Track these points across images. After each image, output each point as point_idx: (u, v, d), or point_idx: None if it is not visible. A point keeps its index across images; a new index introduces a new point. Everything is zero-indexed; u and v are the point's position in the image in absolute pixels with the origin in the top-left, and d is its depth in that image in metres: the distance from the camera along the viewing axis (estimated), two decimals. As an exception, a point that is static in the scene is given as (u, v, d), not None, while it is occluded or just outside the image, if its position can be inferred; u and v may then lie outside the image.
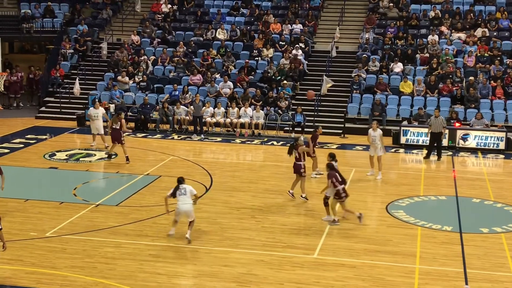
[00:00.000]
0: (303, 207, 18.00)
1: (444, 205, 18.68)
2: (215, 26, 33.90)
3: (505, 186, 20.83)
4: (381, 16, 34.22)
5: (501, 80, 28.98)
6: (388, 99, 28.98)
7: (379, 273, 13.62)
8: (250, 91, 29.44)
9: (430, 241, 15.51)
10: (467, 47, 31.06)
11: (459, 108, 27.81)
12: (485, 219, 17.42)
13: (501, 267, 14.01)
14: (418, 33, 32.73)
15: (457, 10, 33.63)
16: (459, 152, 25.31)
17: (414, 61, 30.99)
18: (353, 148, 25.90)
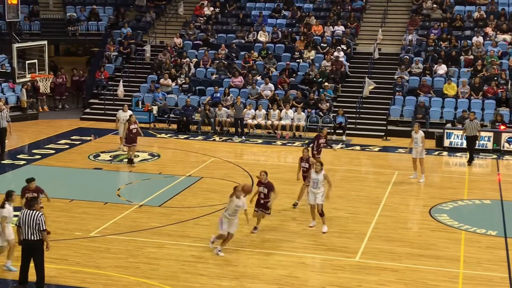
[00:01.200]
0: (344, 210, 17.91)
1: (489, 209, 18.39)
2: (257, 29, 33.98)
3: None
4: (424, 18, 33.86)
5: (548, 82, 28.43)
6: (432, 101, 28.66)
7: (422, 277, 13.49)
8: (291, 93, 29.43)
9: (474, 246, 15.30)
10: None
11: (504, 111, 27.35)
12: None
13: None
14: (462, 34, 32.29)
15: (502, 11, 33.08)
16: (504, 155, 24.89)
17: (458, 63, 30.59)
18: (395, 151, 25.67)
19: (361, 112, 28.90)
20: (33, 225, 12.26)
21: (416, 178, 21.04)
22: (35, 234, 12.29)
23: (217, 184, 20.10)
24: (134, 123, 22.05)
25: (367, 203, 18.59)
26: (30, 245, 12.39)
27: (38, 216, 12.32)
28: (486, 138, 25.46)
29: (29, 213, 12.37)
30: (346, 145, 26.37)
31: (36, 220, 12.28)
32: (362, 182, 20.91)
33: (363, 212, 17.72)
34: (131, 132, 21.93)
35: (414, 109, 28.24)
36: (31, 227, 12.27)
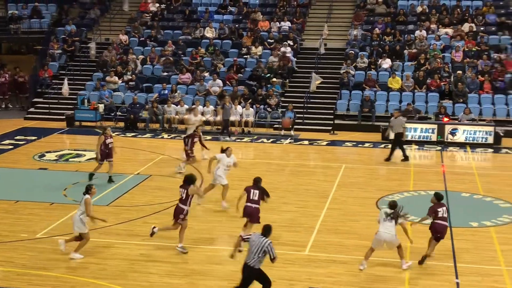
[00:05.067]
0: (293, 204, 18.03)
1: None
2: (204, 25, 33.89)
3: (493, 180, 20.97)
4: (368, 13, 34.32)
5: (489, 75, 29.14)
6: (377, 95, 29.09)
7: (370, 268, 13.68)
8: (239, 89, 29.46)
9: (420, 236, 15.52)
10: (454, 42, 31.20)
11: (447, 103, 27.95)
12: (475, 213, 17.52)
13: (491, 261, 14.12)
14: (405, 29, 32.86)
15: (444, 5, 33.77)
16: (447, 147, 25.45)
17: (402, 57, 31.12)
18: (342, 144, 25.98)
19: (309, 107, 29.13)
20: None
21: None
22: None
23: (166, 182, 19.98)
24: (111, 136, 19.98)
25: (316, 197, 18.75)
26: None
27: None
28: (430, 130, 25.99)
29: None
30: (294, 140, 26.54)
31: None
32: (310, 176, 21.09)
33: (312, 206, 17.87)
34: (107, 146, 19.73)
35: (360, 103, 28.61)
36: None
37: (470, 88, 28.74)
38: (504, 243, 15.10)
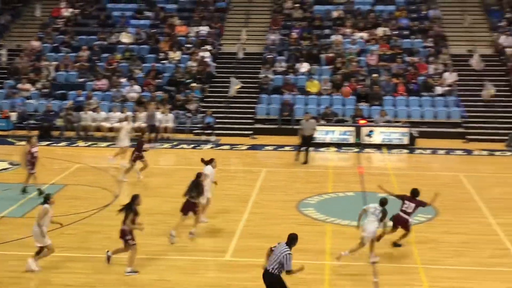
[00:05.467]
0: (214, 209, 17.88)
1: (352, 201, 19.02)
2: (120, 30, 33.35)
3: (409, 180, 21.35)
4: (286, 17, 34.62)
5: (403, 77, 29.89)
6: (296, 99, 29.35)
7: (291, 272, 13.69)
8: (157, 94, 29.11)
9: (339, 237, 15.77)
10: (369, 46, 31.87)
11: (363, 106, 28.49)
12: (391, 213, 17.75)
13: (408, 259, 14.41)
14: (322, 33, 33.32)
15: (359, 10, 34.47)
16: (365, 148, 25.91)
17: (320, 61, 31.52)
18: (263, 148, 26.07)
19: (229, 112, 29.09)
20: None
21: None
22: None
23: (82, 191, 19.47)
24: (35, 146, 19.20)
25: (237, 201, 18.70)
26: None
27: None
28: (348, 132, 26.42)
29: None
30: (215, 145, 26.43)
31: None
32: (231, 181, 21.00)
33: (233, 211, 17.80)
34: (33, 156, 18.97)
35: (279, 107, 28.79)
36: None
37: (385, 90, 29.41)
38: (420, 241, 15.45)
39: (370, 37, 32.45)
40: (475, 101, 28.97)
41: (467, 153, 25.36)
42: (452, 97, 28.98)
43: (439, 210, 17.62)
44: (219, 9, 35.48)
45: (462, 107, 28.47)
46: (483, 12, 34.80)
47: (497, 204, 18.48)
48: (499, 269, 13.89)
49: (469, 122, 27.85)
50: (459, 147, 26.09)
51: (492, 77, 29.68)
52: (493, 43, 32.48)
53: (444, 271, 13.74)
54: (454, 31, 33.53)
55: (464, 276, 13.53)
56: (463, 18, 33.67)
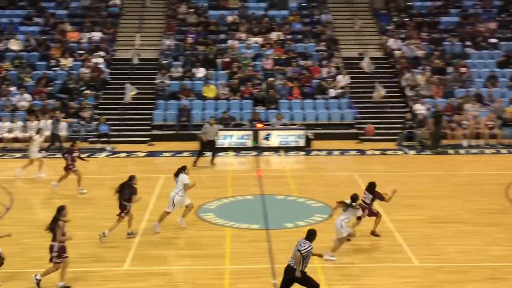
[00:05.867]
0: (112, 218, 17.49)
1: (251, 204, 19.17)
2: (8, 37, 32.14)
3: (306, 181, 21.86)
4: (180, 22, 34.47)
5: (298, 81, 30.43)
6: (193, 104, 29.28)
7: (190, 277, 13.66)
8: (49, 102, 28.24)
9: (239, 241, 15.84)
10: (264, 51, 32.25)
11: (260, 110, 28.78)
12: (289, 214, 18.11)
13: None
14: (217, 38, 33.40)
15: (253, 15, 34.82)
16: (262, 151, 26.18)
17: (216, 65, 31.58)
18: (160, 155, 25.83)
19: (125, 119, 28.63)
20: None
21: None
22: None
23: (-29, 205, 18.60)
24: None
25: (135, 210, 18.28)
26: None
27: None
28: (246, 136, 26.61)
29: None
30: (111, 153, 25.94)
31: None
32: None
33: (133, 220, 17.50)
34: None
35: (177, 112, 28.63)
36: None
37: (281, 94, 29.83)
38: (317, 241, 15.66)
39: (265, 42, 32.84)
40: (366, 102, 29.89)
41: (361, 153, 26.12)
42: (345, 99, 29.77)
43: (334, 210, 18.01)
44: (111, 14, 34.89)
45: (355, 109, 29.30)
46: (372, 16, 35.98)
47: (391, 201, 19.06)
48: (393, 264, 14.36)
49: (361, 123, 28.70)
50: (353, 148, 26.83)
51: (382, 79, 30.72)
52: (382, 46, 33.62)
53: (341, 269, 14.06)
54: (345, 35, 34.49)
55: (359, 273, 13.90)
56: (354, 22, 34.70)
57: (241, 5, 35.56)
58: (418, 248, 15.20)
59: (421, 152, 26.02)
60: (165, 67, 30.89)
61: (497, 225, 16.60)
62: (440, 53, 31.77)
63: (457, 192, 20.18)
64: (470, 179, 22.00)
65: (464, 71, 30.65)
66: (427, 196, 19.73)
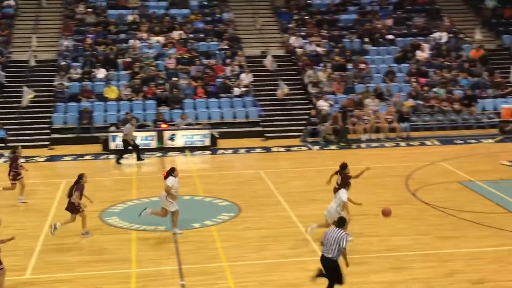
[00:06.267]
0: (12, 226, 16.83)
1: (157, 206, 18.81)
2: None
3: (212, 180, 21.79)
4: (78, 22, 33.61)
5: (202, 80, 30.30)
6: (94, 105, 28.62)
7: (95, 283, 13.32)
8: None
9: (145, 244, 15.58)
10: (166, 50, 31.93)
11: (164, 110, 28.47)
12: (196, 214, 17.98)
13: (213, 259, 14.56)
14: (118, 38, 32.80)
15: (154, 14, 34.42)
16: (168, 152, 25.91)
17: (117, 66, 30.99)
18: (61, 159, 25.10)
19: (23, 123, 27.63)
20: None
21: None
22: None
23: None
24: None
25: (36, 216, 17.85)
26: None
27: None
28: (150, 137, 26.26)
29: None
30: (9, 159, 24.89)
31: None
32: (31, 196, 19.89)
33: (32, 226, 16.95)
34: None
35: (78, 115, 27.90)
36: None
37: (185, 93, 29.62)
38: (224, 240, 15.72)
39: (167, 41, 32.52)
40: (270, 100, 30.14)
41: (266, 150, 26.31)
42: (249, 97, 29.91)
43: (242, 208, 18.07)
44: (6, 16, 33.60)
45: (259, 107, 29.49)
46: (273, 14, 36.34)
47: (295, 197, 19.32)
48: (299, 259, 14.51)
49: (266, 120, 28.91)
50: (259, 145, 26.99)
51: (285, 76, 31.08)
52: (284, 44, 34.01)
53: (248, 266, 14.09)
54: (248, 33, 34.69)
55: (266, 269, 13.95)
56: (255, 20, 34.93)
57: (141, 4, 35.09)
58: (324, 242, 15.40)
59: (324, 148, 26.49)
60: (63, 69, 30.05)
61: (398, 216, 17.07)
62: (340, 50, 32.47)
63: (359, 185, 20.52)
64: (372, 172, 22.45)
65: (363, 67, 31.46)
66: (331, 190, 19.99)
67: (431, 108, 29.34)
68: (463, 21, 36.62)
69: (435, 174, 21.61)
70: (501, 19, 36.41)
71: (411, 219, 17.03)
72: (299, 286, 13.06)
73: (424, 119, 28.80)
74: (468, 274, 13.39)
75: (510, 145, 26.60)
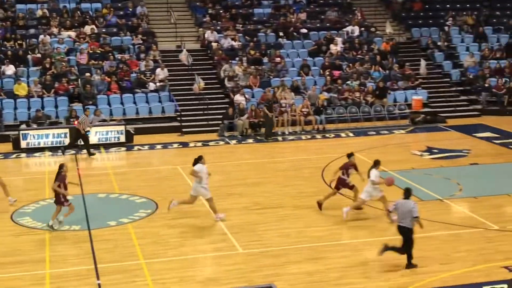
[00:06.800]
0: None
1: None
2: None
3: (128, 177, 21.46)
4: (-15, 18, 32.38)
5: (115, 75, 29.76)
6: (3, 103, 27.64)
7: (7, 285, 12.90)
8: None
9: (60, 244, 15.21)
10: (78, 45, 31.19)
11: (77, 106, 27.80)
12: (112, 212, 17.66)
13: (131, 256, 14.35)
14: (27, 33, 31.77)
15: (64, 8, 33.56)
16: (82, 150, 25.30)
17: (26, 62, 30.03)
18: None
19: None
20: None
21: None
22: None
23: None
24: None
25: None
26: None
27: None
28: (63, 134, 25.56)
29: None
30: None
31: None
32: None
33: None
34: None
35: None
36: None
37: (98, 89, 29.02)
38: (141, 237, 15.51)
39: (79, 36, 31.76)
40: (187, 95, 29.93)
41: (183, 145, 26.11)
42: (165, 92, 29.60)
43: (159, 204, 17.86)
44: None
45: (175, 102, 29.24)
46: (187, 8, 36.09)
47: (213, 191, 19.14)
48: (218, 254, 14.49)
49: (183, 115, 28.69)
50: (176, 141, 26.74)
51: (201, 71, 30.92)
52: (199, 38, 33.84)
53: (166, 263, 13.95)
54: (162, 28, 34.31)
55: (185, 265, 13.87)
56: (170, 14, 34.59)
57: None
58: (241, 236, 15.47)
59: (242, 142, 26.55)
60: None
61: (315, 207, 17.31)
62: (255, 44, 32.59)
63: (277, 178, 20.84)
64: (289, 165, 22.81)
65: (278, 61, 31.69)
66: (248, 183, 20.18)
67: (345, 100, 29.89)
68: (374, 15, 37.48)
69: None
70: (410, 12, 37.45)
71: (327, 210, 17.29)
72: (218, 280, 13.05)
73: (338, 111, 29.30)
74: (382, 262, 13.71)
75: (421, 135, 27.47)
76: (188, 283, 12.94)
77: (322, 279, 13.02)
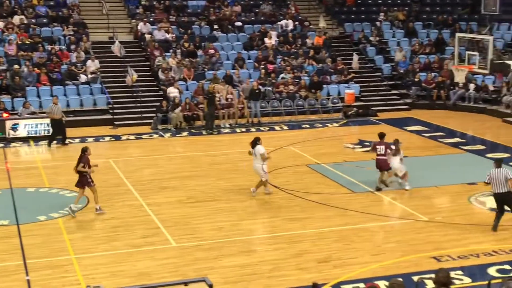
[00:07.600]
0: None
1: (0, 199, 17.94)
2: None
3: (59, 171, 20.95)
4: None
5: (45, 67, 29.03)
6: None
7: None
8: None
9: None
10: (7, 36, 30.28)
11: (6, 98, 27.02)
12: (42, 206, 17.23)
13: (61, 251, 14.06)
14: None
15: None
16: (10, 142, 24.63)
17: (-50, 53, 28.97)
18: None
19: None
20: None
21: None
22: None
23: None
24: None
25: None
26: None
27: None
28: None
29: None
30: None
31: None
32: None
33: None
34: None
35: None
36: None
37: (27, 81, 28.26)
38: (72, 232, 15.21)
39: (7, 26, 30.82)
40: (119, 87, 29.47)
41: (116, 139, 25.70)
42: (97, 84, 29.06)
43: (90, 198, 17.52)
44: None
45: (107, 94, 28.76)
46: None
47: (146, 185, 19.08)
48: (150, 248, 14.33)
49: (115, 108, 28.24)
50: (108, 134, 26.31)
51: (133, 63, 30.44)
52: (132, 30, 33.37)
53: (97, 258, 13.72)
54: (94, 19, 33.65)
55: (117, 259, 13.67)
56: (101, 5, 33.96)
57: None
58: (175, 229, 15.36)
59: (176, 135, 26.34)
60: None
61: (249, 200, 17.35)
62: (189, 37, 32.35)
63: (212, 171, 20.76)
64: (224, 158, 22.75)
65: (213, 53, 31.56)
66: (183, 177, 20.03)
67: (280, 94, 30.04)
68: (308, 9, 37.77)
69: (284, 158, 22.15)
70: (343, 7, 37.91)
71: (261, 203, 17.36)
72: (150, 275, 12.91)
73: (273, 104, 29.42)
74: (315, 254, 13.86)
75: (353, 128, 27.88)
76: (119, 278, 12.75)
77: (256, 272, 13.05)
